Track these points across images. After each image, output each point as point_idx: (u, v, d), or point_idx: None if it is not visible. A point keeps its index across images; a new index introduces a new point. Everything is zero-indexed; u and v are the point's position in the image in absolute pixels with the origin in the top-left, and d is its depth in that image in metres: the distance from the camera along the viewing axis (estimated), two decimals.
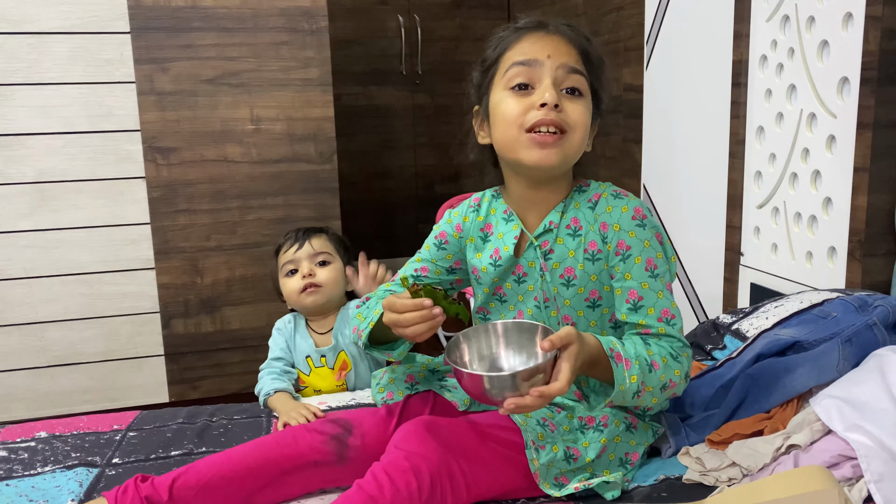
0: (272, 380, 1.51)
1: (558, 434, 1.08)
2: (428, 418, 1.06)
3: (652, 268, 1.10)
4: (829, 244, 1.69)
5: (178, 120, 2.28)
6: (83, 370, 2.33)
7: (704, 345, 1.50)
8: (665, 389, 1.05)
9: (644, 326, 1.09)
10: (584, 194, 1.16)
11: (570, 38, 1.11)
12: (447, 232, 1.27)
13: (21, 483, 1.14)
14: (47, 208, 2.22)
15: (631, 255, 1.10)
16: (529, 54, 1.09)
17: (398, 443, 1.01)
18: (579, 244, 1.13)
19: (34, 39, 2.14)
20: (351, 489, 0.97)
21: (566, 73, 1.08)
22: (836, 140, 1.65)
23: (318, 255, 1.66)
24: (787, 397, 1.14)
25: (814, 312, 1.30)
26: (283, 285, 1.67)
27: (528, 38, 1.10)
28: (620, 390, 1.00)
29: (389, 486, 0.94)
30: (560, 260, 1.14)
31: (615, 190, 1.16)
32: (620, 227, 1.11)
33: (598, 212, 1.13)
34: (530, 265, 1.16)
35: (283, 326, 1.67)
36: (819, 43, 1.68)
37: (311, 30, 2.33)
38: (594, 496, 1.07)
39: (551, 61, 1.08)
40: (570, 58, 1.09)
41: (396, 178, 3.83)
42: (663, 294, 1.10)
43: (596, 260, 1.12)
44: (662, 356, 1.05)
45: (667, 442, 1.17)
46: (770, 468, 1.02)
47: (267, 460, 1.09)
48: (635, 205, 1.13)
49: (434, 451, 0.99)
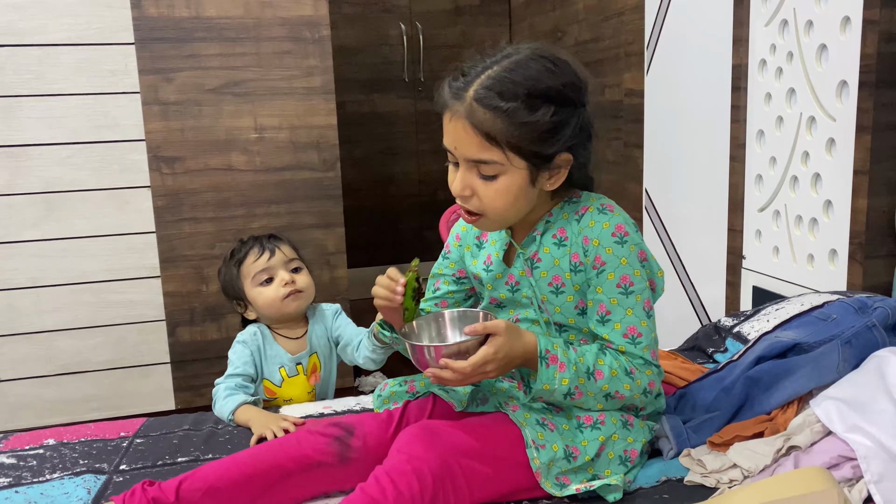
0: (230, 395, 1.46)
1: (557, 433, 1.10)
2: (429, 422, 1.08)
3: (626, 284, 1.11)
4: (830, 247, 1.70)
5: (183, 129, 2.30)
6: (90, 378, 2.35)
7: (706, 348, 1.51)
8: (611, 398, 1.11)
9: (607, 341, 1.13)
10: (573, 206, 1.17)
11: (474, 121, 1.04)
12: (449, 242, 1.32)
13: (30, 490, 1.15)
14: (54, 218, 2.24)
15: (605, 271, 1.12)
16: (446, 141, 1.10)
17: (400, 446, 1.02)
18: (564, 254, 1.15)
19: (40, 51, 2.16)
20: (354, 493, 0.98)
21: (473, 163, 1.07)
22: (836, 143, 1.66)
23: (292, 262, 1.64)
24: (788, 399, 1.15)
25: (814, 314, 1.30)
26: (257, 294, 1.61)
27: (445, 115, 1.09)
28: (545, 388, 1.08)
29: (392, 489, 0.96)
30: (547, 268, 1.16)
31: (602, 204, 1.16)
32: (599, 243, 1.12)
33: (582, 225, 1.14)
34: (521, 274, 1.19)
35: (248, 339, 1.61)
36: (818, 47, 1.69)
37: (313, 39, 2.35)
38: (596, 498, 1.08)
39: (459, 153, 1.08)
40: (472, 148, 1.06)
41: (399, 184, 3.85)
42: (633, 311, 1.12)
43: (578, 271, 1.14)
44: (613, 368, 1.10)
45: (668, 443, 1.18)
46: (770, 469, 1.03)
47: (271, 463, 1.11)
48: (617, 221, 1.13)
49: (436, 453, 1.01)
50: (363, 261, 3.66)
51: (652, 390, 1.13)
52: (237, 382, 1.52)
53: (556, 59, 1.07)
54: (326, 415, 1.44)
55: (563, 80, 1.06)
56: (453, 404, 1.20)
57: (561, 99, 1.06)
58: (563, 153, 1.09)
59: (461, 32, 3.77)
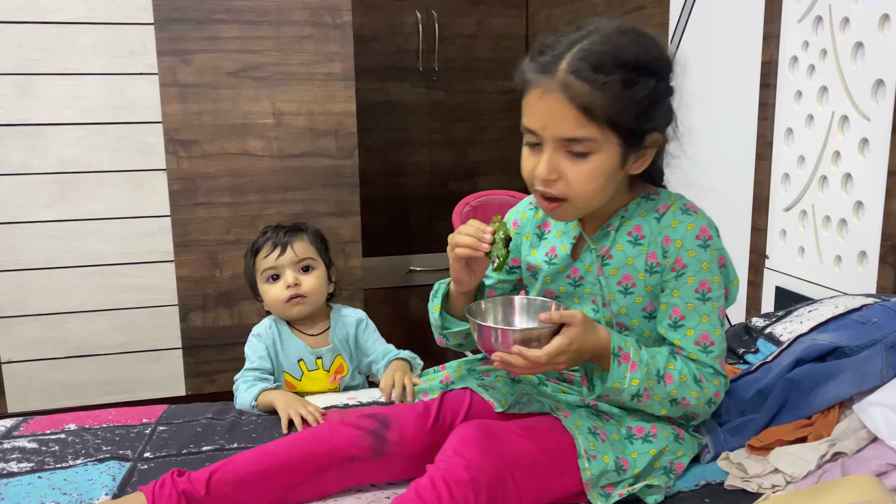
0: (250, 386, 1.44)
1: (608, 443, 1.07)
2: (488, 423, 1.05)
3: (704, 290, 1.08)
4: (860, 248, 1.67)
5: (200, 112, 2.27)
6: (101, 362, 2.33)
7: (736, 348, 1.49)
8: (676, 404, 1.08)
9: (678, 347, 1.10)
10: (651, 203, 1.13)
11: (572, 95, 0.99)
12: None
13: (53, 476, 1.13)
14: (68, 199, 2.22)
15: (685, 274, 1.08)
16: (530, 122, 1.03)
17: (457, 448, 0.99)
18: (640, 253, 1.11)
19: (58, 29, 2.13)
20: (408, 493, 0.95)
21: (564, 142, 1.01)
22: (870, 143, 1.63)
23: (302, 261, 1.58)
24: (829, 404, 1.12)
25: (853, 317, 1.28)
26: (264, 291, 1.58)
27: (531, 94, 1.03)
28: (615, 387, 1.04)
29: (448, 498, 0.93)
30: (618, 266, 1.12)
31: (685, 204, 1.12)
32: (682, 245, 1.08)
33: (664, 224, 1.10)
34: (587, 269, 1.14)
35: (263, 332, 1.58)
36: (853, 44, 1.66)
37: (334, 24, 2.32)
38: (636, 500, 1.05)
39: (547, 132, 1.01)
40: (566, 126, 1.00)
41: (411, 174, 3.81)
42: (708, 318, 1.09)
43: (654, 272, 1.10)
44: (683, 374, 1.07)
45: (705, 447, 1.16)
46: (815, 476, 1.01)
47: (303, 455, 1.08)
48: (702, 224, 1.09)
49: (493, 463, 0.97)
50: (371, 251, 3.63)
51: (716, 401, 1.10)
52: (255, 375, 1.50)
53: (644, 34, 1.04)
54: (351, 406, 1.41)
55: (655, 55, 1.03)
56: (493, 404, 1.17)
57: (657, 73, 1.02)
58: (653, 133, 1.05)
59: (477, 22, 3.72)
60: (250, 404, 1.41)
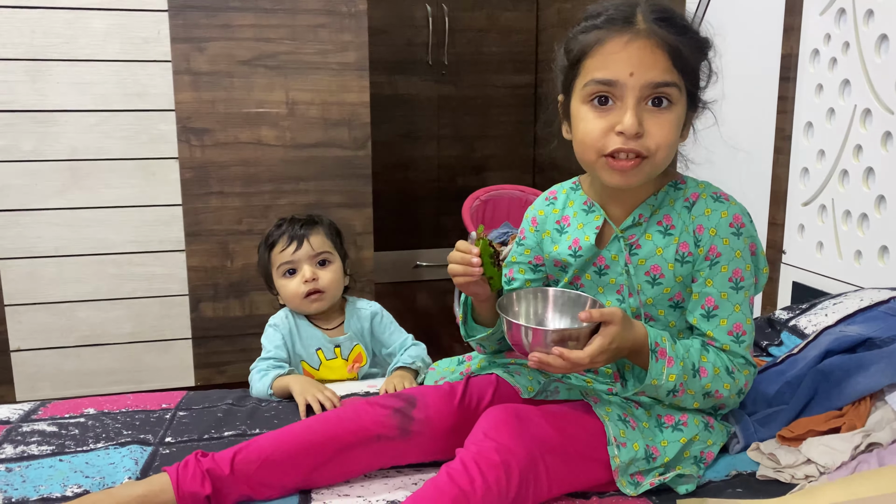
0: (265, 374, 1.43)
1: (638, 431, 1.05)
2: (517, 407, 1.03)
3: (738, 279, 1.07)
4: (881, 243, 1.66)
5: (213, 101, 2.25)
6: (110, 351, 2.31)
7: (759, 341, 1.47)
8: (709, 397, 1.07)
9: (711, 338, 1.08)
10: (679, 192, 1.11)
11: (659, 40, 0.98)
12: (524, 228, 1.24)
13: (75, 459, 1.11)
14: (79, 187, 2.20)
15: (719, 263, 1.07)
16: (610, 72, 0.99)
17: (488, 431, 0.97)
18: (670, 243, 1.09)
19: (71, 15, 2.11)
20: (439, 476, 0.94)
21: (652, 89, 0.99)
22: (893, 136, 1.62)
23: (319, 255, 1.55)
24: (861, 395, 1.11)
25: (881, 310, 1.27)
26: (281, 286, 1.56)
27: (610, 44, 0.99)
28: (653, 384, 1.03)
29: (481, 481, 0.91)
30: (647, 256, 1.10)
31: (715, 192, 1.11)
32: (717, 233, 1.07)
33: (696, 213, 1.08)
34: (613, 258, 1.12)
35: (279, 322, 1.56)
36: (878, 37, 1.65)
37: (349, 13, 2.30)
38: (666, 489, 1.04)
39: (634, 79, 0.98)
40: (656, 71, 0.98)
41: (419, 169, 3.80)
42: (741, 308, 1.07)
43: (685, 262, 1.08)
44: (716, 366, 1.06)
45: (734, 437, 1.14)
46: (850, 467, 0.99)
47: (329, 435, 1.06)
48: (735, 211, 1.08)
49: (524, 447, 0.96)
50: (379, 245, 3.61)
51: (746, 390, 1.09)
52: (270, 364, 1.48)
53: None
54: (372, 394, 1.40)
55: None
56: (519, 390, 1.15)
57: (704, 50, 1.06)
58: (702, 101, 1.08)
59: (487, 16, 3.71)
60: (266, 392, 1.40)
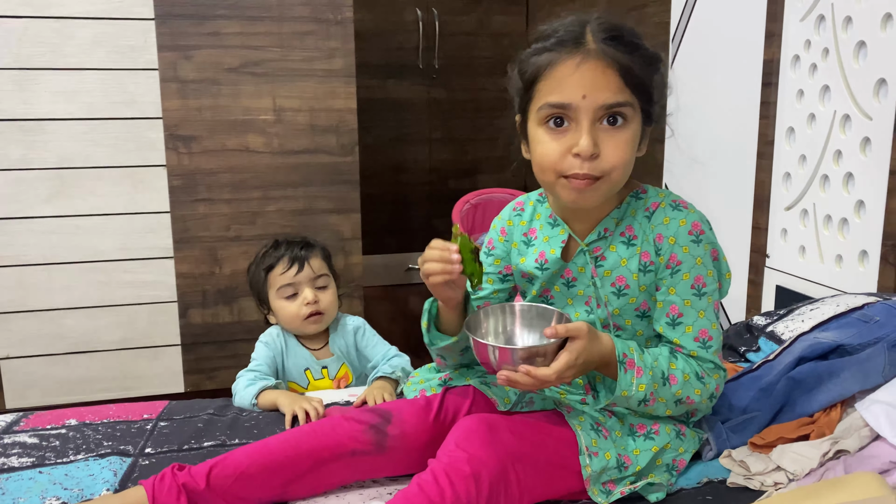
0: (251, 384, 1.43)
1: (610, 440, 1.07)
2: (488, 417, 1.04)
3: (699, 286, 1.08)
4: (861, 248, 1.67)
5: (200, 108, 2.27)
6: (99, 358, 2.32)
7: (738, 347, 1.49)
8: (681, 404, 1.08)
9: (678, 346, 1.09)
10: (640, 202, 1.12)
11: (610, 59, 0.98)
12: (493, 238, 1.25)
13: (54, 471, 1.12)
14: (67, 194, 2.21)
15: (680, 271, 1.08)
16: (563, 95, 0.99)
17: (459, 441, 0.99)
18: (633, 254, 1.10)
19: (58, 24, 2.12)
20: (410, 487, 0.95)
21: (605, 109, 0.99)
22: (871, 142, 1.63)
23: (319, 279, 1.58)
24: (832, 401, 1.12)
25: (854, 316, 1.28)
26: (280, 307, 1.57)
27: (561, 67, 0.99)
28: (623, 395, 1.04)
29: (451, 492, 0.92)
30: (612, 268, 1.11)
31: (674, 200, 1.11)
32: (676, 241, 1.07)
33: (655, 223, 1.09)
34: (580, 270, 1.14)
35: (270, 341, 1.59)
36: (856, 43, 1.66)
37: (335, 20, 2.31)
38: (637, 497, 1.05)
39: (587, 102, 0.98)
40: (608, 92, 0.98)
41: (411, 172, 3.81)
42: (705, 314, 1.08)
43: (648, 272, 1.10)
44: (685, 373, 1.07)
45: (707, 444, 1.15)
46: (818, 473, 1.01)
47: (305, 449, 1.07)
48: (693, 219, 1.08)
49: (495, 457, 0.97)
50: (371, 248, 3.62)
51: (717, 394, 1.10)
52: (256, 374, 1.49)
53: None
54: (352, 402, 1.41)
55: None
56: (496, 402, 1.16)
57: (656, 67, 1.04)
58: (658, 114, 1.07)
59: (477, 20, 3.72)
60: (250, 402, 1.41)
